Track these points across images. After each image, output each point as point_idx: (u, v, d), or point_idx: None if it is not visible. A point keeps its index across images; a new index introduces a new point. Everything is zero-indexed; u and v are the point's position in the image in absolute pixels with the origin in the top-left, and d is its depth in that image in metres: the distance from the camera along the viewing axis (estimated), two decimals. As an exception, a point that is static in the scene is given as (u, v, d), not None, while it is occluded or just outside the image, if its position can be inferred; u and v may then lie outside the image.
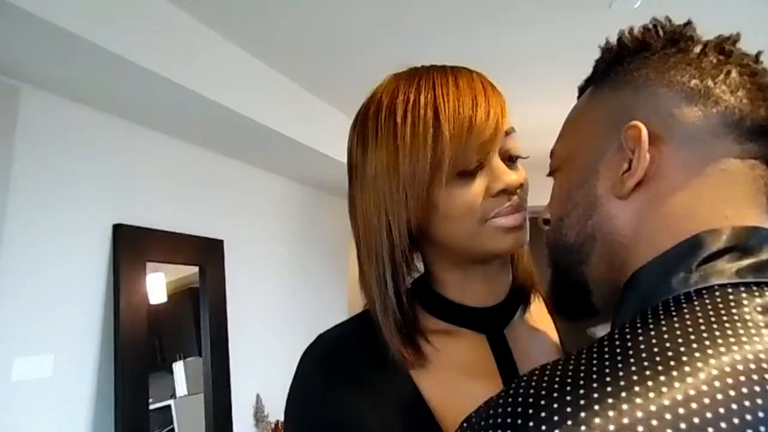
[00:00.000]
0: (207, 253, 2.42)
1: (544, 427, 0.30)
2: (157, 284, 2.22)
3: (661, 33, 0.48)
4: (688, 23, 0.48)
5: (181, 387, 2.28)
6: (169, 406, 2.19)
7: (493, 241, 0.56)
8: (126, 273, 2.01)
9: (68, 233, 1.90)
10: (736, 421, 0.29)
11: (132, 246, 2.06)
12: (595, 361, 0.34)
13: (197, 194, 2.45)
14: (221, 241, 2.51)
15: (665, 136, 0.43)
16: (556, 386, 0.33)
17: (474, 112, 0.54)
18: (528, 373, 0.36)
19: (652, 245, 0.43)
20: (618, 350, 0.35)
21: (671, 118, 0.43)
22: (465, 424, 0.36)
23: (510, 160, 0.59)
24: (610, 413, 0.30)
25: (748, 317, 0.35)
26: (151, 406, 2.05)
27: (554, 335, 0.67)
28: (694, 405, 0.30)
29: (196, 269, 2.39)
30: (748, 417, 0.29)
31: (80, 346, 1.92)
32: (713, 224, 0.41)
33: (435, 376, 0.57)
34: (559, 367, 0.35)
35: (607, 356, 0.34)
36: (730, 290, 0.37)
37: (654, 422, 0.29)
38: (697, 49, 0.46)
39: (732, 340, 0.33)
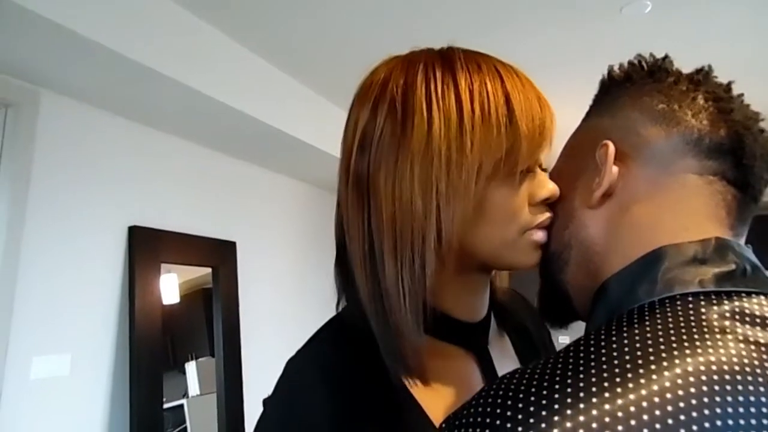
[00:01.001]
0: (220, 255, 2.46)
1: (509, 425, 0.33)
2: (170, 285, 2.25)
3: (644, 66, 0.52)
4: (666, 57, 0.52)
5: (193, 387, 2.32)
6: (181, 406, 2.22)
7: (524, 254, 0.54)
8: (141, 274, 2.05)
9: (85, 235, 1.94)
10: (694, 427, 0.31)
11: (147, 247, 2.10)
12: (559, 366, 0.37)
13: (211, 197, 2.49)
14: (234, 243, 2.54)
15: (633, 154, 0.48)
16: (523, 389, 0.36)
17: (543, 113, 0.52)
18: (502, 376, 0.39)
19: (621, 254, 0.46)
20: (582, 356, 0.37)
21: (638, 137, 0.48)
22: (443, 425, 0.38)
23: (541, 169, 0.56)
24: (569, 412, 0.32)
25: (705, 325, 0.37)
26: (164, 405, 2.08)
27: (511, 348, 0.66)
28: (656, 410, 0.32)
29: (208, 270, 2.43)
30: (706, 424, 0.31)
31: (96, 345, 1.95)
32: (675, 234, 0.44)
33: (436, 396, 0.53)
34: (528, 372, 0.38)
35: (571, 361, 0.37)
36: (690, 299, 0.40)
37: (619, 426, 0.31)
38: (671, 79, 0.50)
39: (693, 347, 0.35)
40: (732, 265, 0.42)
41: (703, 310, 0.38)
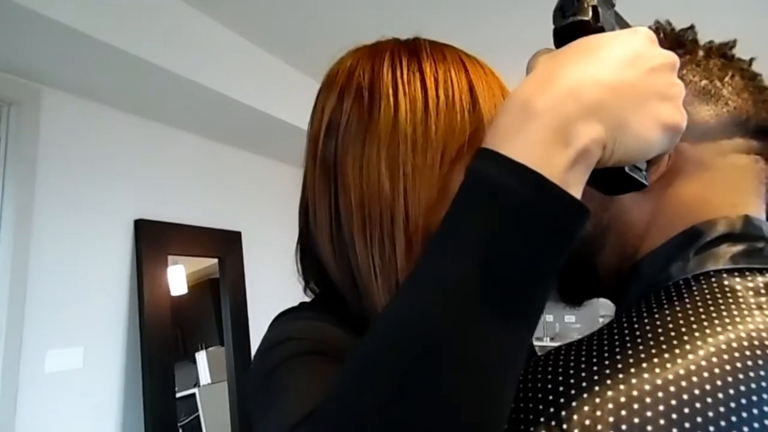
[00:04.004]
0: (226, 245, 2.48)
1: (562, 400, 0.34)
2: (178, 276, 2.28)
3: (663, 35, 0.50)
4: (691, 27, 0.51)
5: (204, 376, 2.35)
6: (193, 395, 2.26)
7: None
8: (148, 266, 2.07)
9: (93, 229, 1.96)
10: (731, 391, 0.32)
11: (153, 240, 2.12)
12: (606, 342, 0.37)
13: (215, 188, 2.50)
14: (239, 233, 2.56)
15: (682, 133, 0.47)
16: (572, 364, 0.36)
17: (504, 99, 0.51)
18: (545, 354, 0.40)
19: (660, 233, 0.46)
20: (626, 332, 0.38)
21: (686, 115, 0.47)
22: None
23: None
24: (621, 387, 0.33)
25: (741, 299, 0.38)
26: (177, 395, 2.12)
27: None
28: (694, 378, 0.33)
29: (215, 261, 2.45)
30: (742, 388, 0.32)
31: (108, 338, 1.99)
32: (723, 212, 0.44)
33: None
34: (573, 349, 0.38)
35: (616, 337, 0.38)
36: (724, 275, 0.40)
37: (660, 394, 0.32)
38: (702, 52, 0.48)
39: (727, 320, 0.36)
40: (762, 242, 0.42)
41: (738, 287, 0.39)
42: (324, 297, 0.58)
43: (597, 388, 0.33)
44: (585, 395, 0.33)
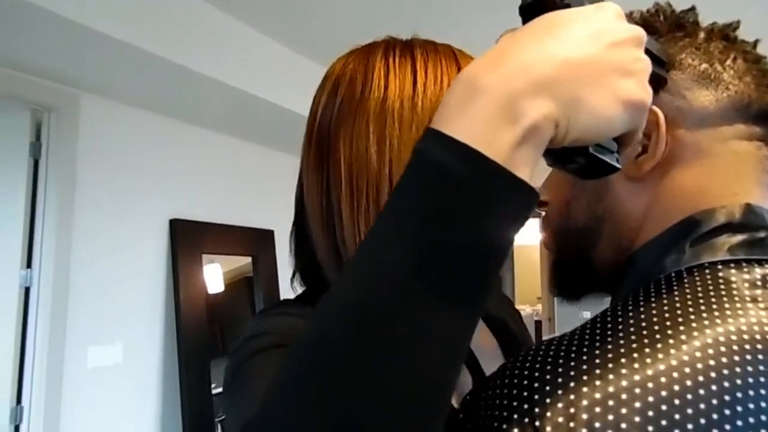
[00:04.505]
0: (259, 244, 2.52)
1: (537, 397, 0.33)
2: (215, 275, 2.33)
3: (662, 18, 0.48)
4: (692, 9, 0.48)
5: (241, 372, 2.39)
6: (230, 390, 2.31)
7: None
8: (183, 265, 2.13)
9: (129, 230, 2.02)
10: (714, 387, 0.30)
11: (187, 239, 2.17)
12: (587, 338, 0.36)
13: (247, 187, 2.55)
14: (272, 232, 2.60)
15: (678, 119, 0.44)
16: (550, 360, 0.35)
17: None
18: (526, 349, 0.38)
19: (656, 224, 0.44)
20: (609, 327, 0.36)
21: (684, 101, 0.44)
22: (468, 397, 0.38)
23: None
24: (598, 383, 0.32)
25: (735, 293, 0.36)
26: (213, 391, 2.17)
27: (482, 321, 0.66)
28: (675, 374, 0.31)
29: (249, 259, 2.50)
30: (726, 384, 0.30)
31: (146, 335, 2.05)
32: (723, 201, 0.42)
33: None
34: (554, 344, 0.37)
35: (598, 332, 0.36)
36: (719, 267, 0.38)
37: (637, 390, 0.31)
38: (703, 34, 0.46)
39: (717, 315, 0.34)
40: (763, 232, 0.40)
41: (733, 278, 0.37)
42: (309, 293, 0.60)
43: (573, 385, 0.32)
44: (560, 392, 0.32)
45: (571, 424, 0.30)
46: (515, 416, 0.32)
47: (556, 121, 0.29)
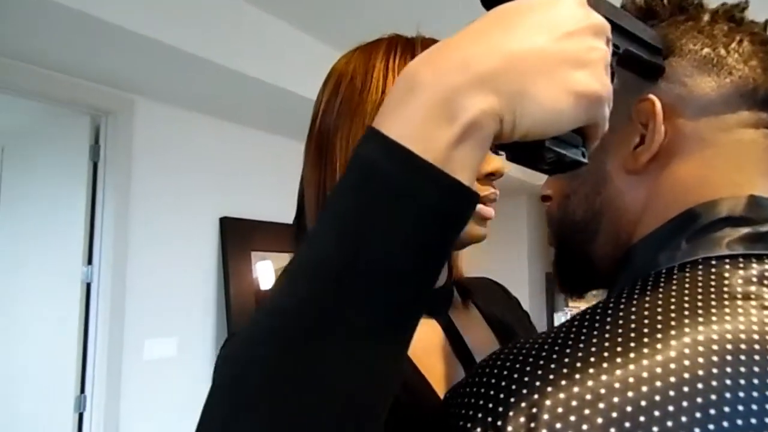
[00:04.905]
0: (307, 241, 2.56)
1: (502, 396, 0.32)
2: (266, 271, 2.39)
3: (664, 1, 0.45)
4: None
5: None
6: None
7: (469, 226, 0.54)
8: (233, 262, 2.19)
9: (182, 228, 2.10)
10: (686, 389, 0.28)
11: (237, 237, 2.23)
12: (561, 337, 0.34)
13: (294, 186, 2.57)
14: (321, 229, 2.63)
15: (678, 108, 0.41)
16: (521, 359, 0.34)
17: None
18: (507, 345, 0.37)
19: (659, 219, 0.41)
20: (586, 326, 0.34)
21: (684, 89, 0.41)
22: (447, 395, 0.37)
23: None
24: (563, 383, 0.30)
25: (726, 291, 0.33)
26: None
27: (485, 323, 0.65)
28: (645, 375, 0.29)
29: (298, 256, 2.54)
30: (700, 387, 0.28)
31: (199, 329, 2.13)
32: (725, 193, 0.39)
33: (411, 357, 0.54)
34: (529, 343, 0.35)
35: (574, 332, 0.34)
36: (714, 263, 0.36)
37: (603, 391, 0.29)
38: (707, 16, 0.43)
39: (705, 315, 0.32)
40: (766, 226, 0.37)
41: (726, 274, 0.34)
42: None
43: (538, 384, 0.31)
44: (525, 391, 0.31)
45: (532, 425, 0.29)
46: (479, 415, 0.31)
47: (500, 116, 0.28)
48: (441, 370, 0.55)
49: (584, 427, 0.28)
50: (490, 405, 0.31)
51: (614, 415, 0.28)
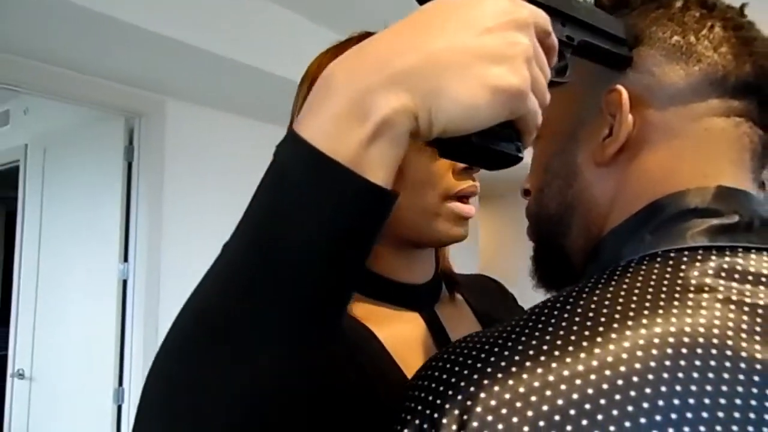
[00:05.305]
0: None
1: (441, 388, 0.32)
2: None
3: None
4: None
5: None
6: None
7: (445, 225, 0.54)
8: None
9: (213, 225, 2.14)
10: (618, 398, 0.28)
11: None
12: (504, 335, 0.34)
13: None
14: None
15: (647, 98, 0.40)
16: (465, 352, 0.33)
17: None
18: (466, 336, 0.37)
19: (626, 212, 0.40)
20: (529, 324, 0.34)
21: (652, 78, 0.41)
22: (405, 387, 0.37)
23: None
24: (496, 389, 0.30)
25: (680, 284, 0.32)
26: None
27: (474, 318, 0.63)
28: (578, 382, 0.28)
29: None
30: (660, 402, 0.27)
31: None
32: (692, 183, 0.38)
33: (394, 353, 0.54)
34: (477, 336, 0.35)
35: (517, 330, 0.33)
36: (673, 255, 0.35)
37: (533, 398, 0.29)
38: (679, 3, 0.42)
39: (652, 311, 0.31)
40: (735, 217, 0.36)
41: (683, 267, 0.34)
42: None
43: (473, 390, 0.30)
44: (463, 384, 0.31)
45: (465, 417, 0.29)
46: (420, 407, 0.32)
47: (414, 114, 0.28)
48: (420, 364, 0.54)
49: (515, 419, 0.28)
50: (431, 398, 0.31)
51: (545, 408, 0.28)
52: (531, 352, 0.31)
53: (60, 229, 2.25)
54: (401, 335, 0.55)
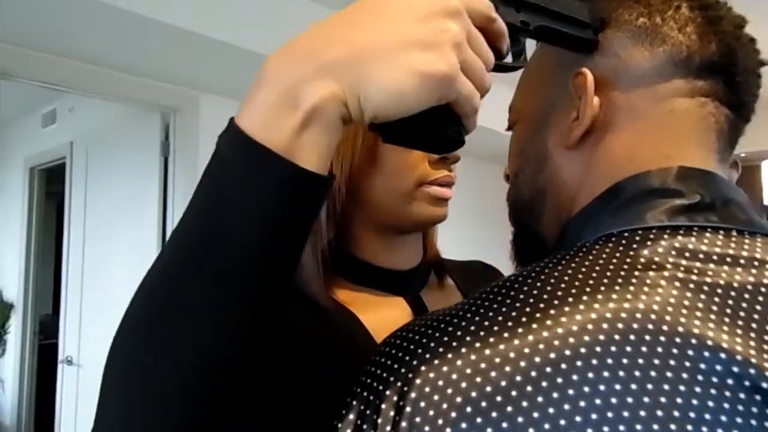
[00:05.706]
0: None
1: (396, 366, 0.32)
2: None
3: None
4: None
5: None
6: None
7: (422, 207, 0.55)
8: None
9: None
10: (575, 377, 0.28)
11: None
12: (453, 315, 0.34)
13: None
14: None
15: (612, 80, 0.41)
16: (421, 330, 0.34)
17: None
18: (417, 318, 0.37)
19: (590, 195, 0.40)
20: (477, 304, 0.34)
21: (617, 60, 0.41)
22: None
23: None
24: (449, 355, 0.31)
25: (629, 263, 0.32)
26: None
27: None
28: (508, 368, 0.29)
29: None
30: (590, 375, 0.28)
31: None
32: (653, 165, 0.38)
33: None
34: (434, 314, 0.36)
35: (466, 309, 0.34)
36: (627, 235, 0.35)
37: (464, 385, 0.29)
38: None
39: (595, 290, 0.31)
40: (696, 197, 0.36)
41: (635, 245, 0.34)
42: None
43: (416, 362, 0.31)
44: (402, 370, 0.31)
45: (401, 403, 0.30)
46: (365, 393, 0.33)
47: (343, 101, 0.30)
48: None
49: (444, 405, 0.29)
50: (374, 384, 0.32)
51: (473, 394, 0.29)
52: (477, 329, 0.31)
53: (103, 221, 2.34)
54: (385, 320, 0.55)
